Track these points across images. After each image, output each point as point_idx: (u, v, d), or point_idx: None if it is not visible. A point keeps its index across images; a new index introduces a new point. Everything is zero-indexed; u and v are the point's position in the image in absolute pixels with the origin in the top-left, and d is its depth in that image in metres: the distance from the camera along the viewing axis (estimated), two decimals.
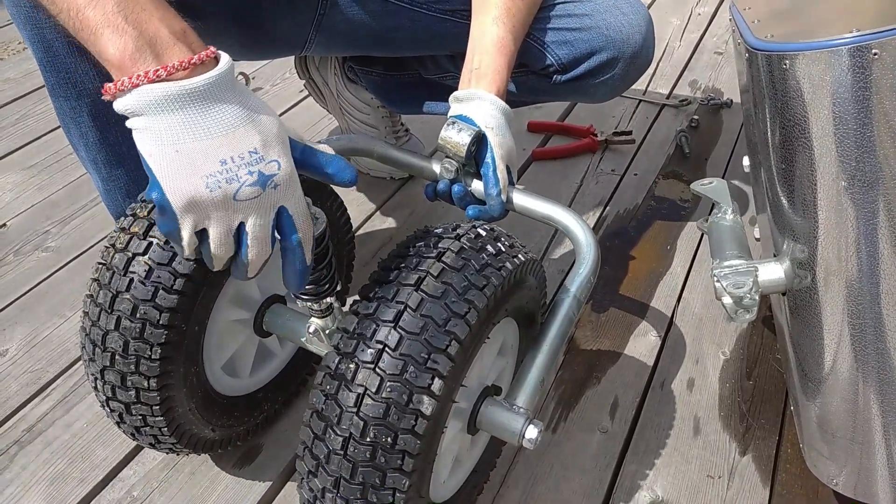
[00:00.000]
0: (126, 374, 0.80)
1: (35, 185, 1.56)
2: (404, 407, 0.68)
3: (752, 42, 0.79)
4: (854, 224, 0.75)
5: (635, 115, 1.80)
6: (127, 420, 0.85)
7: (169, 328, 0.79)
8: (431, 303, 0.70)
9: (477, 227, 0.79)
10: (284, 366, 1.04)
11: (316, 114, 1.75)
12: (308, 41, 1.24)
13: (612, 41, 1.12)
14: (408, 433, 0.68)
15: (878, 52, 0.68)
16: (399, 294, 0.71)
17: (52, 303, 1.27)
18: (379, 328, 0.69)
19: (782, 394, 1.11)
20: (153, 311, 0.78)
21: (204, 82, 0.61)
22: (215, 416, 0.92)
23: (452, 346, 0.69)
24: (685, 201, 1.52)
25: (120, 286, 0.78)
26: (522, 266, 0.79)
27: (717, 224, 1.03)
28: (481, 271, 0.73)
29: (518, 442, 0.80)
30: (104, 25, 0.60)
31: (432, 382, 0.68)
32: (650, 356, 1.18)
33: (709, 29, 2.21)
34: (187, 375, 0.85)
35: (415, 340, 0.68)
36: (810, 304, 0.82)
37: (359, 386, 0.68)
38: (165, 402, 0.83)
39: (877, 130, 0.71)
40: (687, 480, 1.00)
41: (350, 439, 0.68)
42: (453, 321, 0.70)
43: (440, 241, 0.75)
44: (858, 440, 0.83)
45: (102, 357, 0.80)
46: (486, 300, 0.72)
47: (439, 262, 0.72)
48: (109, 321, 0.79)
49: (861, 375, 0.80)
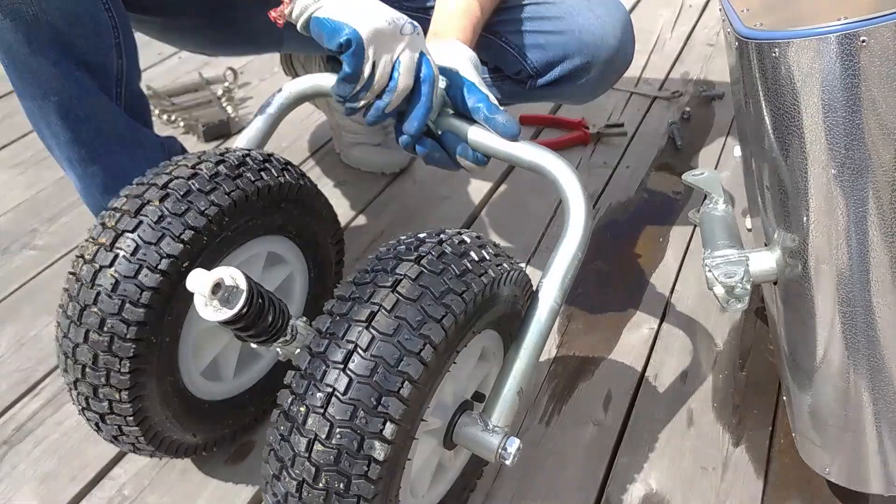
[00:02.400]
0: (97, 386, 0.79)
1: (22, 183, 1.55)
2: (356, 453, 0.66)
3: (741, 31, 0.79)
4: (844, 212, 0.74)
5: (627, 108, 1.80)
6: (104, 429, 0.84)
7: (138, 341, 0.78)
8: (383, 342, 0.67)
9: (443, 242, 0.74)
10: (272, 366, 1.02)
11: (304, 109, 1.74)
12: (284, 38, 1.23)
13: (585, 45, 1.09)
14: (361, 478, 0.66)
15: (865, 39, 0.68)
16: (349, 332, 0.67)
17: (40, 301, 1.26)
18: (329, 370, 0.67)
19: (775, 384, 1.11)
20: (120, 324, 0.77)
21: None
22: (195, 423, 0.91)
23: (405, 388, 0.66)
24: (677, 193, 1.52)
25: (87, 299, 0.77)
26: (492, 283, 0.75)
27: (708, 214, 1.03)
28: (440, 299, 0.69)
29: (496, 460, 0.77)
30: None
31: (384, 427, 0.66)
32: (643, 348, 1.17)
33: (700, 21, 2.21)
34: (162, 385, 0.84)
35: (364, 383, 0.66)
36: (801, 292, 0.82)
37: (310, 432, 0.66)
38: (139, 413, 0.82)
39: (865, 118, 0.70)
40: (681, 472, 1.00)
41: (304, 483, 0.67)
42: (406, 360, 0.67)
43: (398, 265, 0.71)
44: (850, 429, 0.83)
45: (74, 369, 0.79)
46: (445, 332, 0.69)
47: (393, 294, 0.69)
48: (78, 334, 0.78)
49: (852, 364, 0.80)
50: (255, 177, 0.84)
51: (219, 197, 0.81)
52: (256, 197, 0.84)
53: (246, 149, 0.89)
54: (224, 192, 0.81)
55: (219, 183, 0.81)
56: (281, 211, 0.89)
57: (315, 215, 0.96)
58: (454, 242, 0.74)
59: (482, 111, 0.86)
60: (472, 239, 0.77)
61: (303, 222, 0.94)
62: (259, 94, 1.85)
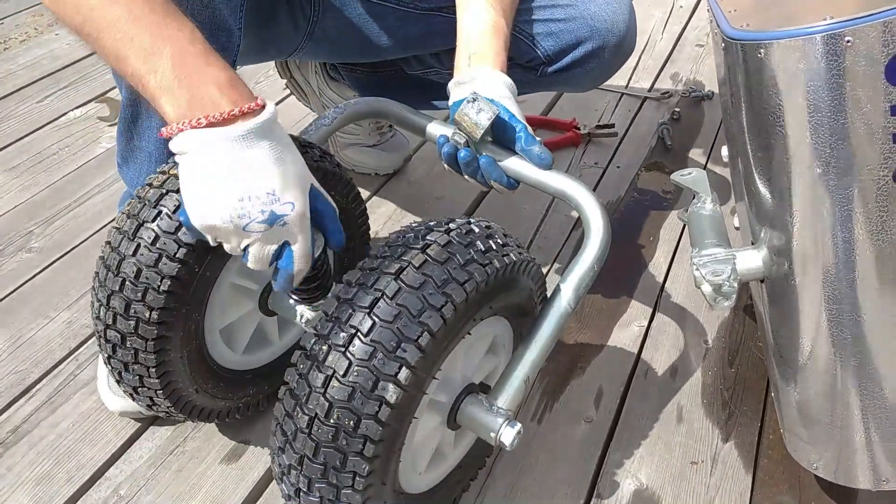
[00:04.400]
0: (131, 301, 0.84)
1: (18, 186, 1.55)
2: (369, 392, 0.69)
3: (727, 32, 0.80)
4: (829, 211, 0.75)
5: (618, 109, 1.81)
6: (124, 346, 0.87)
7: (169, 294, 0.84)
8: (409, 293, 0.71)
9: (471, 223, 0.79)
10: (277, 357, 1.05)
11: (300, 111, 1.75)
12: (298, 48, 1.24)
13: (597, 31, 1.13)
14: (371, 419, 0.69)
15: (850, 39, 0.69)
16: (378, 282, 0.72)
17: (36, 303, 1.26)
18: (354, 313, 0.70)
19: (764, 381, 1.12)
20: (155, 276, 0.83)
21: (236, 132, 0.71)
22: (201, 378, 0.93)
23: (424, 338, 0.70)
24: (667, 193, 1.53)
25: (128, 250, 0.83)
26: (512, 265, 0.79)
27: (696, 214, 1.04)
28: (465, 266, 0.74)
29: (495, 441, 0.80)
30: (162, 92, 0.71)
31: (399, 371, 0.69)
32: (634, 346, 1.19)
33: (690, 21, 2.22)
34: (188, 320, 0.88)
35: (387, 328, 0.69)
36: (788, 290, 0.83)
37: (328, 368, 0.70)
38: (161, 339, 0.86)
39: (850, 117, 0.71)
40: (671, 467, 1.01)
41: (315, 419, 0.70)
42: (428, 312, 0.70)
43: (429, 233, 0.76)
44: (837, 424, 0.84)
45: (113, 282, 0.84)
46: (466, 295, 0.73)
47: (423, 254, 0.73)
48: (115, 282, 0.84)
49: (839, 360, 0.81)
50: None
51: None
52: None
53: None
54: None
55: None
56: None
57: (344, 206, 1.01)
58: (482, 225, 0.80)
59: (521, 142, 0.93)
60: (480, 228, 0.80)
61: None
62: None
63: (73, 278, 1.31)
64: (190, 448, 1.03)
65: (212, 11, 0.90)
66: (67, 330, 1.21)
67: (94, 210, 1.48)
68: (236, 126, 0.71)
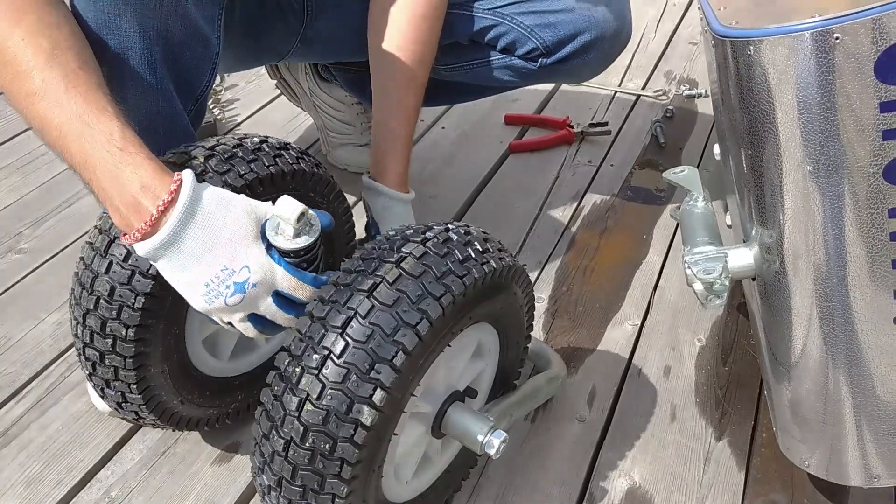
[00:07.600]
0: (107, 320, 0.83)
1: (7, 187, 1.54)
2: (344, 415, 0.67)
3: (717, 29, 0.79)
4: (820, 208, 0.75)
5: (611, 107, 1.81)
6: (104, 363, 0.86)
7: (144, 311, 0.83)
8: (382, 311, 0.69)
9: (449, 230, 0.78)
10: (265, 360, 1.04)
11: (291, 111, 1.75)
12: (290, 51, 1.24)
13: (595, 21, 1.14)
14: (346, 441, 0.68)
15: (839, 36, 0.69)
16: (351, 300, 0.70)
17: (25, 305, 1.26)
18: (327, 333, 0.69)
19: (757, 379, 1.12)
20: (129, 293, 0.82)
21: (162, 236, 0.72)
22: (186, 389, 0.92)
23: (398, 357, 0.68)
24: (661, 191, 1.53)
25: (100, 267, 0.83)
26: (493, 273, 0.77)
27: (688, 211, 1.04)
28: (441, 279, 0.72)
29: (481, 449, 0.79)
30: (104, 203, 0.75)
31: (373, 393, 0.68)
32: (627, 345, 1.18)
33: (683, 19, 2.22)
34: (167, 335, 0.87)
35: (360, 349, 0.68)
36: (779, 288, 0.83)
37: (302, 391, 0.68)
38: (139, 355, 0.85)
39: (840, 115, 0.71)
40: (664, 466, 1.01)
41: (291, 442, 0.69)
42: (402, 331, 0.69)
43: (405, 244, 0.74)
44: (829, 422, 0.84)
45: (88, 300, 0.84)
46: (443, 310, 0.71)
47: (397, 269, 0.71)
48: (89, 301, 0.83)
49: (830, 358, 0.81)
50: (270, 161, 0.88)
51: (234, 177, 0.84)
52: (270, 181, 0.88)
53: (263, 136, 0.93)
54: (237, 174, 0.85)
55: (234, 164, 0.85)
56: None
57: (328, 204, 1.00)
58: (460, 232, 0.78)
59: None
60: (477, 232, 0.80)
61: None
62: (245, 97, 1.85)
63: (63, 280, 1.30)
64: (181, 450, 1.03)
65: (187, 22, 0.90)
66: (57, 331, 1.20)
67: (84, 211, 1.47)
68: (164, 229, 0.72)
